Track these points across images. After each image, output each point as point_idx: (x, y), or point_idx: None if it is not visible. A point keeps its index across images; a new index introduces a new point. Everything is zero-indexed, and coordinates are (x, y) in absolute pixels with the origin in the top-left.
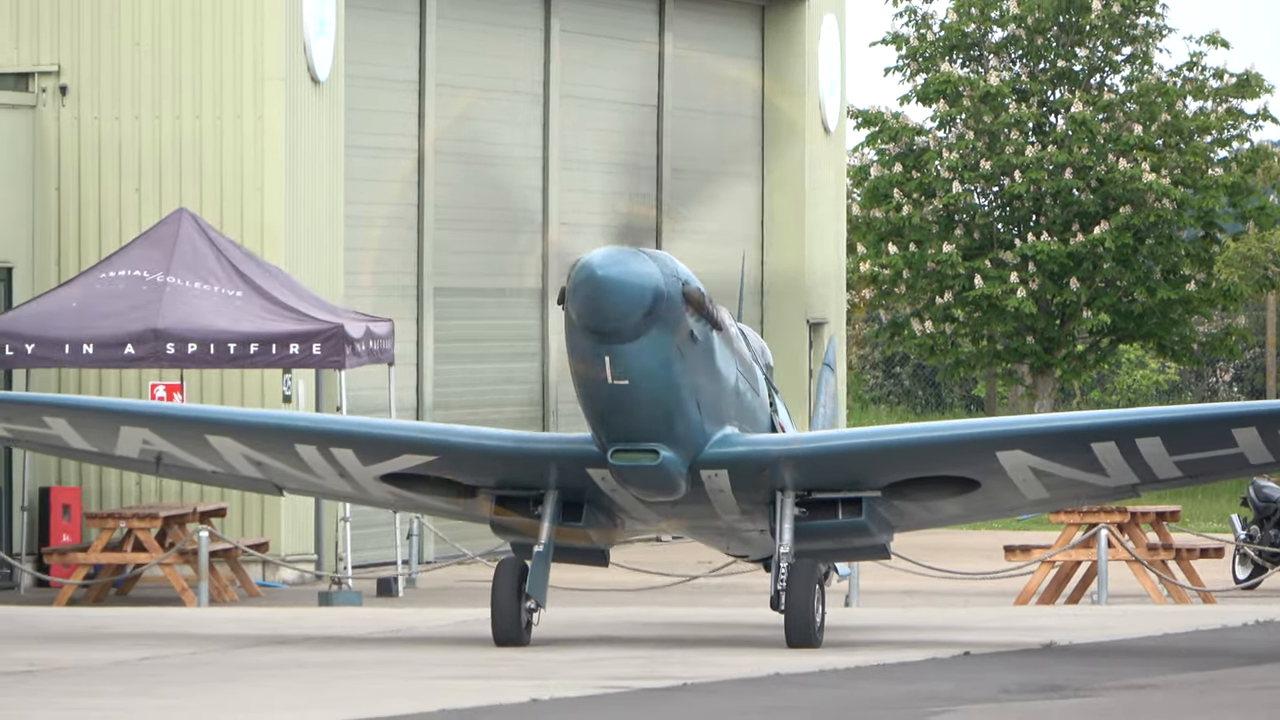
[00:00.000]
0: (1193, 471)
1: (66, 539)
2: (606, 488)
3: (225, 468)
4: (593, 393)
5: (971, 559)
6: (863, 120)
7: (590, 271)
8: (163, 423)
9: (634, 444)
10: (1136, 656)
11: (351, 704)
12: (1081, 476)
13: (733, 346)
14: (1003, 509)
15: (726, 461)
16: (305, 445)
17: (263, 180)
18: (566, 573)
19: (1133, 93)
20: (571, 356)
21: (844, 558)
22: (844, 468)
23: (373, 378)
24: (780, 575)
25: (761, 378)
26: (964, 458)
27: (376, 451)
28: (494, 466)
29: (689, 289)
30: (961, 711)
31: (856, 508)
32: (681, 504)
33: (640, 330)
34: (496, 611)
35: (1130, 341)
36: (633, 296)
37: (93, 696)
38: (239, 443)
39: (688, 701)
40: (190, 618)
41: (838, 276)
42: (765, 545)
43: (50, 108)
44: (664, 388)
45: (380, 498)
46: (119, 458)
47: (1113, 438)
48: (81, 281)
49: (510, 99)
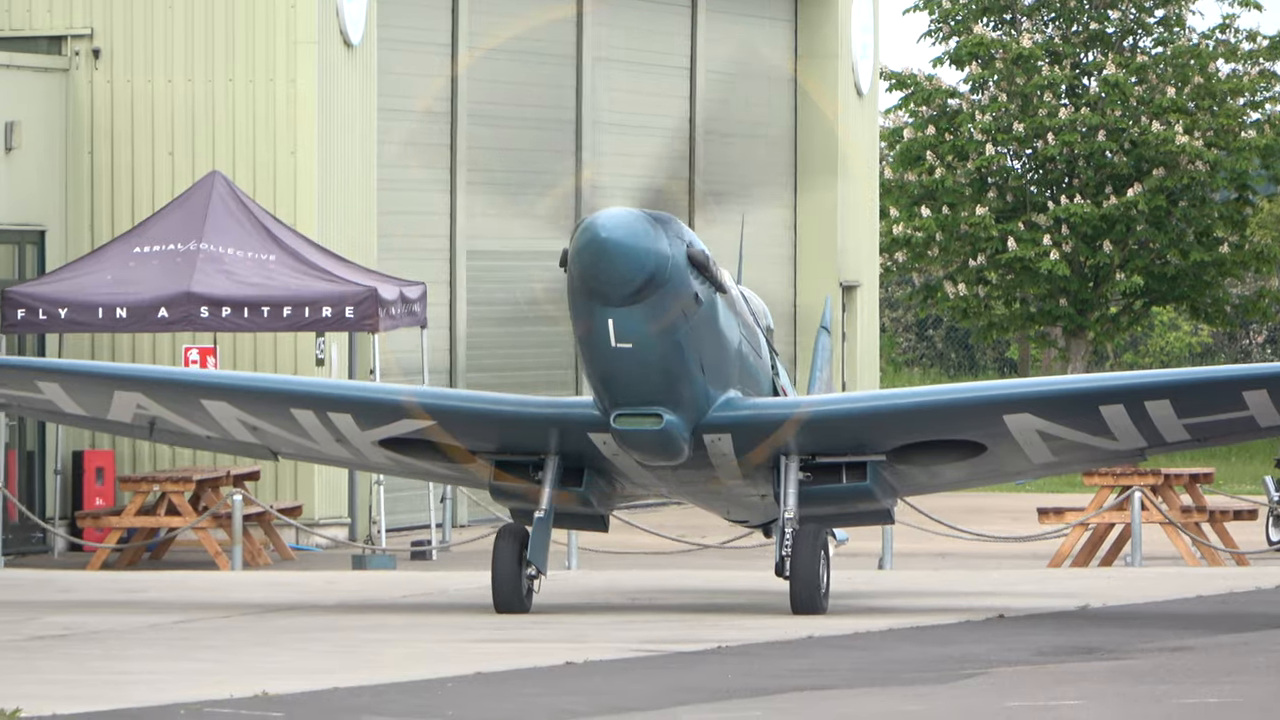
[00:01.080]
0: (1201, 434)
1: (100, 503)
2: (608, 452)
3: (220, 432)
4: (595, 356)
5: (1005, 522)
6: (896, 83)
7: (593, 233)
8: (156, 387)
9: (637, 408)
10: (1170, 619)
11: (386, 667)
12: (1089, 440)
13: (735, 309)
14: (1008, 473)
15: (730, 425)
16: (302, 410)
17: (295, 144)
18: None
19: (1165, 55)
20: (574, 319)
21: (848, 523)
22: (849, 431)
23: (406, 340)
24: (785, 541)
25: (763, 340)
26: (970, 421)
27: (375, 416)
28: (494, 431)
29: (693, 251)
30: (996, 674)
31: (861, 472)
32: (684, 468)
33: (644, 293)
34: (497, 579)
35: (1163, 304)
36: (636, 259)
37: (126, 660)
38: (234, 407)
39: (724, 664)
40: (224, 581)
41: (870, 239)
42: (766, 511)
43: (83, 71)
44: (667, 351)
45: (378, 463)
46: (112, 422)
47: (1121, 400)
48: (115, 246)
49: (542, 61)
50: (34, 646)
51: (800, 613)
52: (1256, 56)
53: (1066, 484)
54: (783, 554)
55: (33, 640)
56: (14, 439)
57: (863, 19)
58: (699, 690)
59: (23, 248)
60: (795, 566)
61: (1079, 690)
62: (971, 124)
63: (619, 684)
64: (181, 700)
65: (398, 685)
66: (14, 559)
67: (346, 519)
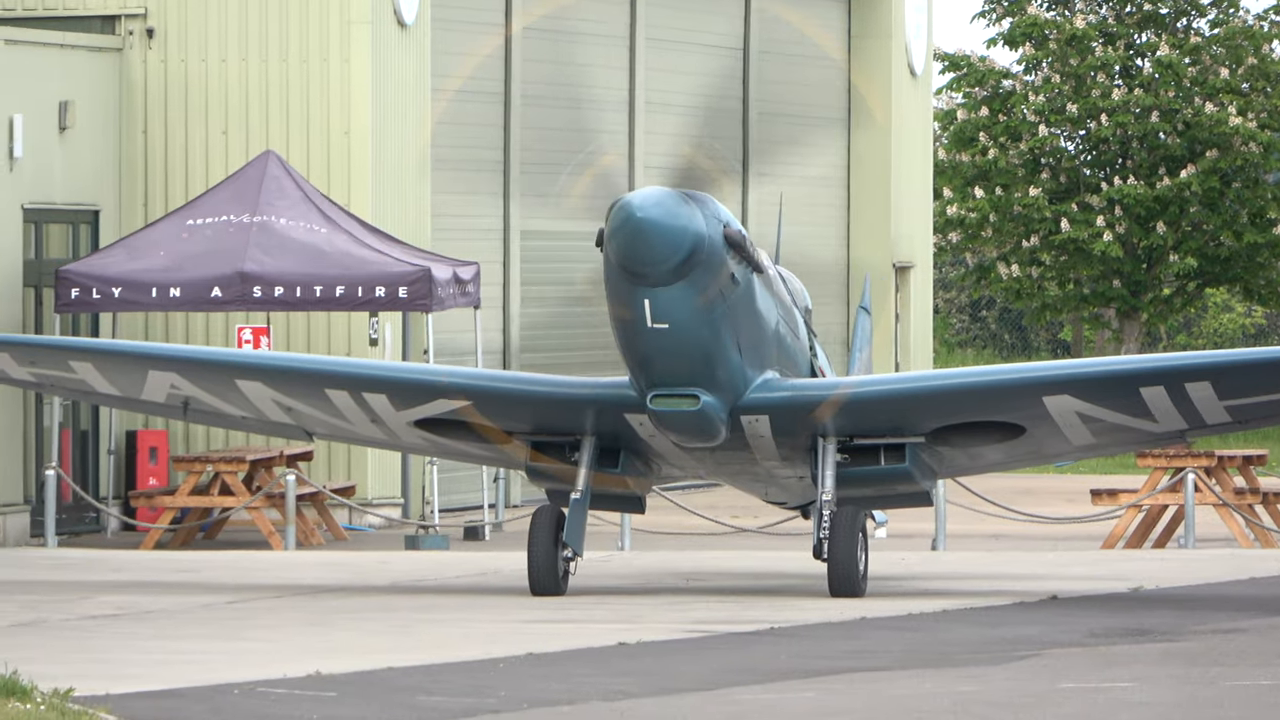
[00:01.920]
0: (1243, 416)
1: (153, 483)
2: (644, 433)
3: (254, 413)
4: (632, 337)
5: (1058, 503)
6: (949, 64)
7: (629, 213)
8: (191, 367)
9: (674, 389)
10: (1223, 600)
11: (438, 647)
12: (1129, 422)
13: (773, 289)
14: (1047, 455)
15: (768, 406)
16: (337, 391)
17: (349, 124)
18: (652, 516)
19: (1219, 36)
20: (610, 300)
21: (886, 505)
22: (888, 413)
23: (459, 321)
24: (822, 523)
25: (801, 321)
26: (1010, 403)
27: (410, 396)
28: (530, 411)
29: (730, 231)
30: (1049, 655)
31: (900, 454)
32: (721, 450)
33: (681, 273)
34: (533, 561)
35: (1216, 285)
36: (673, 239)
37: (180, 639)
38: (269, 388)
39: (776, 645)
40: (277, 561)
41: (924, 220)
42: (804, 492)
43: (137, 51)
44: (704, 332)
45: (412, 443)
46: (146, 402)
47: (1162, 382)
48: (168, 225)
49: (596, 42)
50: (87, 626)
51: (838, 595)
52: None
53: (1120, 465)
54: (820, 536)
55: (86, 620)
56: (68, 419)
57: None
58: (751, 671)
59: (76, 227)
60: (833, 549)
61: (1132, 672)
62: (1025, 105)
63: (671, 664)
64: (234, 680)
65: (450, 665)
66: (68, 539)
67: (400, 499)
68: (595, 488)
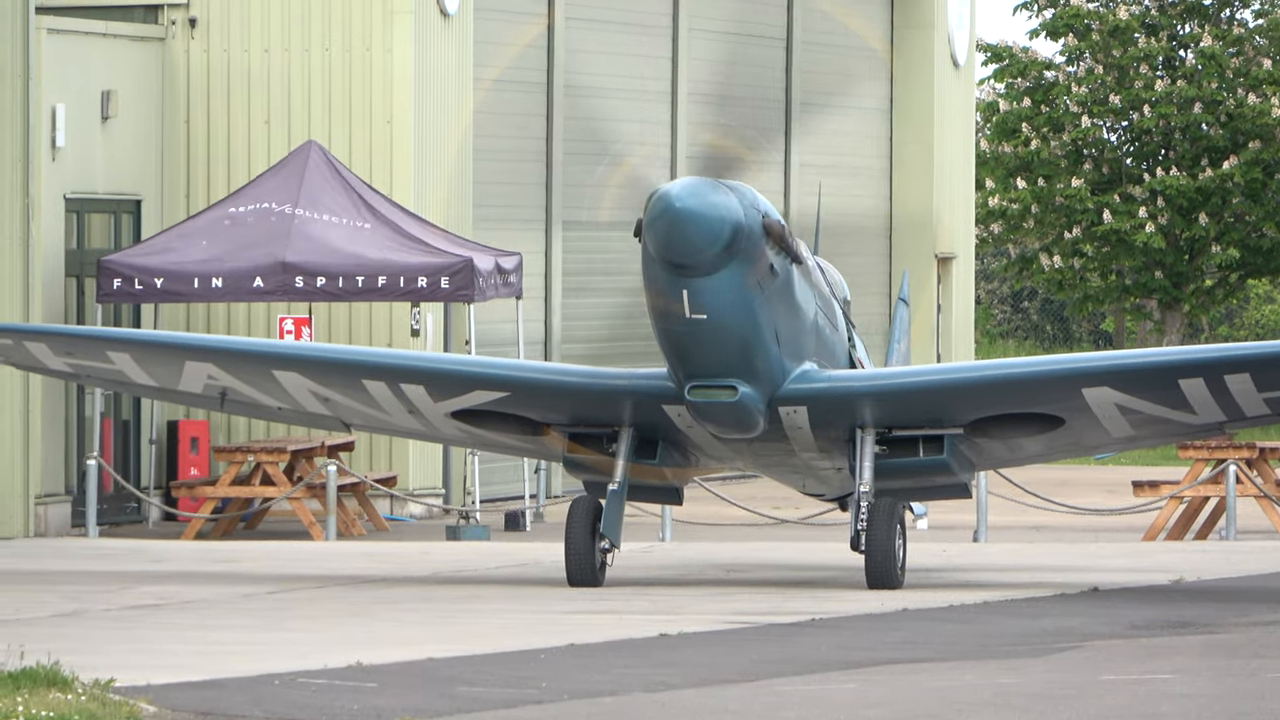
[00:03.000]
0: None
1: (194, 473)
2: (682, 424)
3: (291, 404)
4: (670, 328)
5: (1099, 495)
6: (992, 55)
7: (668, 203)
8: (228, 358)
9: (712, 380)
10: (1265, 593)
11: (479, 638)
12: (1168, 414)
13: (811, 280)
14: (1087, 447)
15: (806, 398)
16: (374, 381)
17: (391, 113)
18: (693, 508)
19: (1262, 27)
20: (648, 290)
21: (924, 497)
22: (927, 405)
23: (501, 311)
24: (860, 515)
25: (840, 312)
26: (1049, 394)
27: (448, 388)
28: (567, 403)
29: (769, 221)
30: (1090, 647)
31: (938, 445)
32: (758, 441)
33: (719, 264)
34: (571, 552)
35: (1259, 276)
36: (711, 229)
37: (221, 630)
38: (306, 378)
39: (817, 637)
40: (318, 552)
41: (966, 211)
42: (842, 484)
43: (180, 40)
44: (743, 322)
45: (450, 435)
46: (183, 393)
47: (1201, 374)
48: (210, 215)
49: (639, 32)
50: (128, 616)
51: (875, 587)
52: None
53: (1161, 457)
54: (858, 528)
55: (127, 610)
56: (110, 408)
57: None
58: (793, 662)
59: (119, 217)
60: (870, 541)
61: (1173, 664)
62: (1067, 96)
63: (712, 656)
64: (275, 670)
65: (491, 656)
66: (109, 528)
67: (441, 489)
68: (633, 479)
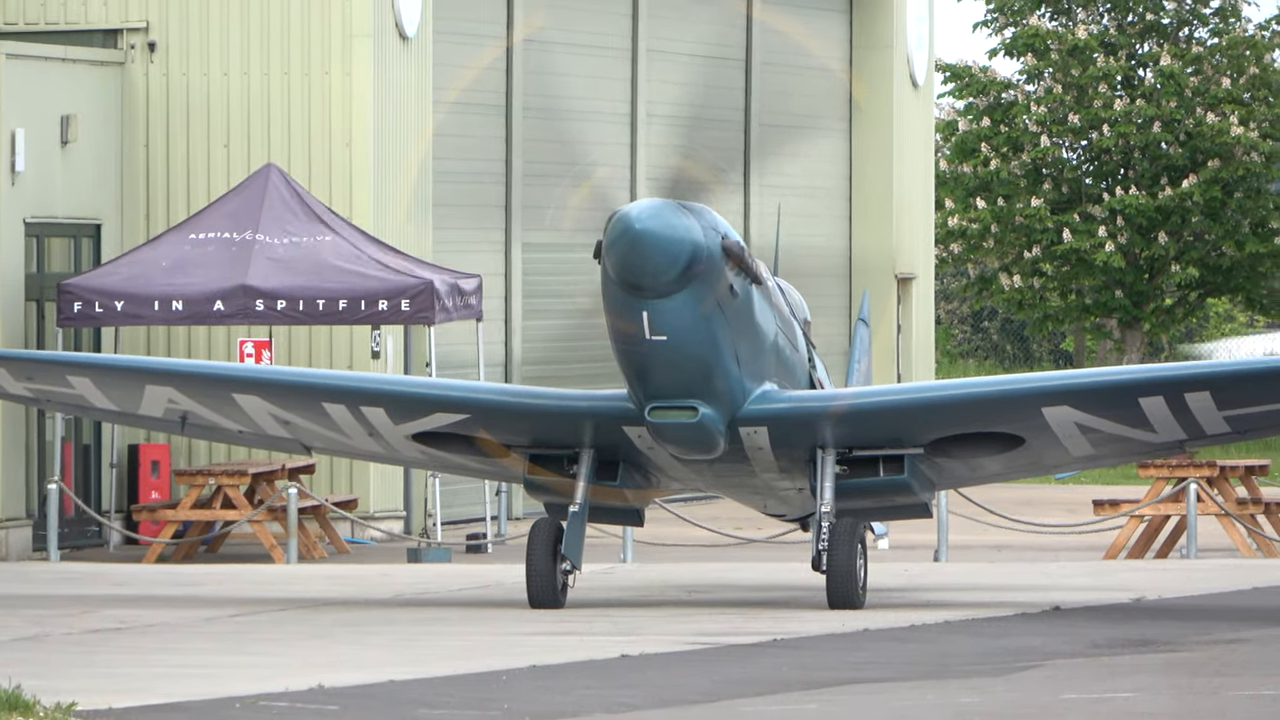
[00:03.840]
0: (1242, 427)
1: (155, 496)
2: (643, 446)
3: (252, 427)
4: (630, 349)
5: (1060, 513)
6: (951, 75)
7: (627, 225)
8: (189, 381)
9: (672, 401)
10: (1226, 611)
11: (441, 660)
12: (1128, 433)
13: (771, 301)
14: (1047, 466)
15: (766, 418)
16: (335, 404)
17: (351, 136)
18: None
19: (1221, 46)
20: (608, 312)
21: (885, 517)
22: (887, 425)
23: (461, 333)
24: (821, 535)
25: (800, 333)
26: (1009, 414)
27: (408, 410)
28: (528, 425)
29: (728, 242)
30: (1051, 666)
31: (899, 465)
32: (719, 462)
33: (679, 285)
34: (532, 574)
35: (1218, 295)
36: (671, 251)
37: (182, 653)
38: (267, 402)
39: (779, 657)
40: (279, 575)
41: (926, 231)
42: (803, 504)
43: (139, 64)
44: (703, 344)
45: (411, 457)
46: (144, 417)
47: (1161, 393)
48: (170, 238)
49: (598, 54)
50: (90, 640)
51: (836, 607)
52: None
53: (1122, 476)
54: (819, 548)
55: (88, 634)
56: (70, 432)
57: (918, 9)
58: (754, 683)
59: (79, 241)
60: (832, 561)
61: (1134, 683)
62: (1026, 115)
63: (674, 677)
64: (237, 694)
65: (453, 678)
66: (70, 552)
67: (402, 512)
68: (593, 501)
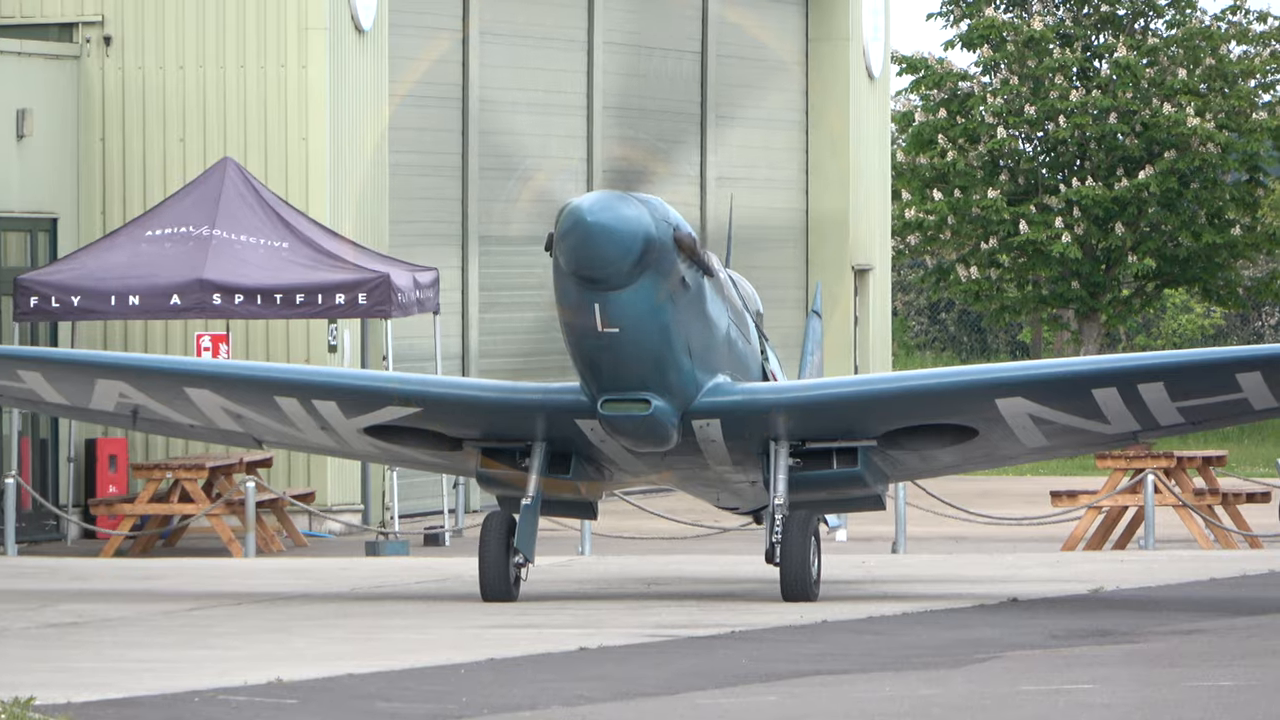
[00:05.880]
0: (1196, 418)
1: (113, 490)
2: (595, 439)
3: (203, 421)
4: (582, 342)
5: (1018, 505)
6: (907, 66)
7: (578, 217)
8: (139, 375)
9: (625, 394)
10: (1184, 602)
11: (399, 654)
12: (1082, 424)
13: (724, 293)
14: (1000, 457)
15: (719, 411)
16: (286, 398)
17: (307, 130)
18: (612, 520)
19: (1176, 37)
20: (560, 305)
21: (839, 509)
22: (840, 416)
23: (419, 327)
24: (775, 527)
25: (752, 325)
26: (962, 405)
27: (360, 403)
28: (480, 418)
29: (680, 234)
30: (1009, 657)
31: (852, 457)
32: (672, 455)
33: (631, 277)
34: (484, 567)
35: (1175, 286)
36: (622, 242)
37: (140, 648)
38: (218, 395)
39: (737, 649)
40: (237, 568)
41: (882, 222)
42: (757, 497)
43: (94, 58)
44: (655, 336)
45: (363, 450)
46: (95, 411)
47: (1114, 384)
48: (126, 233)
49: (553, 46)
50: (47, 634)
51: (790, 600)
52: (1268, 38)
53: (1079, 467)
54: (773, 540)
55: (46, 628)
56: (27, 426)
57: (873, 2)
58: (713, 675)
59: (35, 236)
60: (785, 553)
61: (1092, 674)
62: (983, 107)
63: (632, 670)
64: (195, 688)
65: (411, 671)
66: (28, 547)
67: (360, 505)
68: (547, 494)
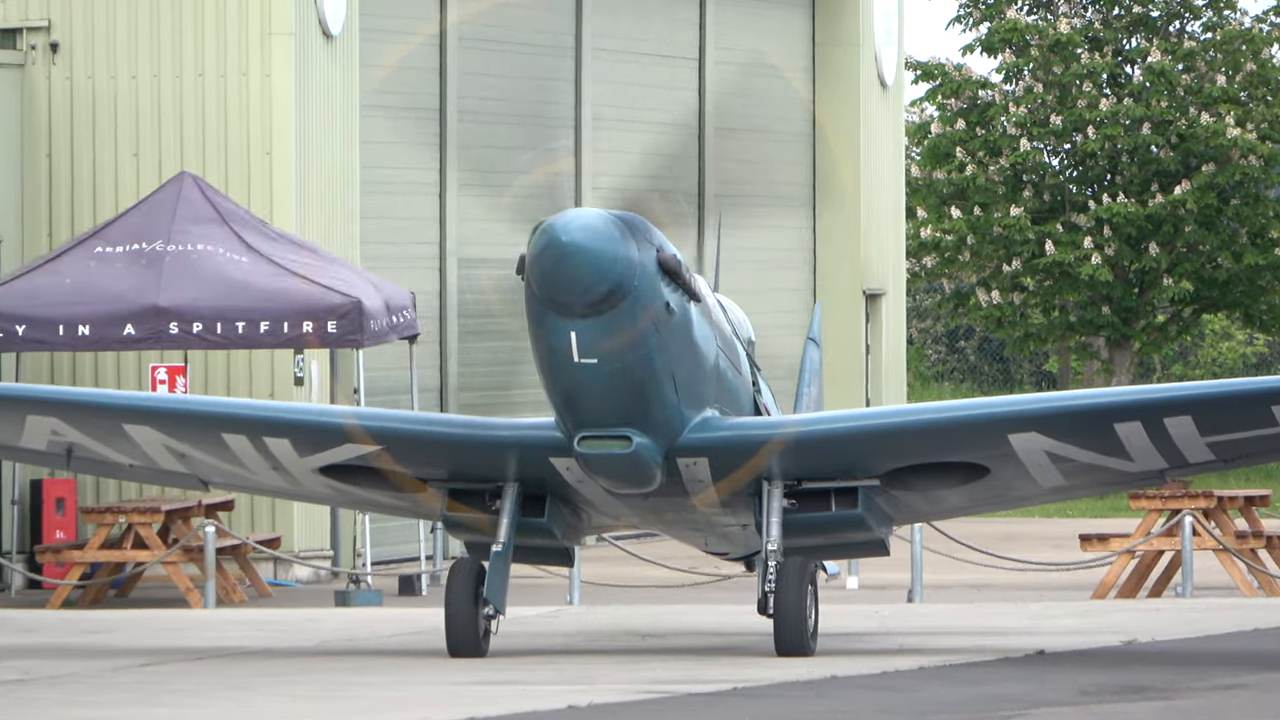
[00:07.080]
0: (1227, 455)
1: (60, 536)
2: (572, 479)
3: (144, 460)
4: (557, 373)
5: (1045, 549)
6: (922, 73)
7: (553, 236)
8: (73, 410)
9: (603, 430)
10: (1224, 655)
11: (371, 713)
12: (1103, 461)
13: (711, 319)
14: (1013, 499)
15: (707, 448)
16: (235, 435)
17: (271, 143)
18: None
19: (1215, 40)
20: (532, 332)
21: (838, 554)
22: (839, 454)
23: (392, 357)
24: (768, 575)
25: (743, 354)
26: (972, 441)
27: (315, 441)
28: (445, 456)
29: (664, 255)
30: (1035, 715)
31: (852, 499)
32: (656, 496)
33: (609, 303)
34: (450, 619)
35: (1214, 311)
36: (601, 265)
37: (90, 707)
38: (160, 433)
39: (737, 707)
40: (196, 620)
41: (896, 243)
42: (748, 542)
43: (40, 66)
44: (636, 366)
45: (318, 492)
46: (25, 450)
47: (1139, 417)
48: (75, 254)
49: (539, 53)
50: None
51: (785, 654)
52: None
53: (1111, 508)
54: (765, 590)
55: None
56: None
57: (886, 4)
58: None
59: None
60: (779, 604)
61: None
62: (1005, 117)
63: None
64: None
65: None
66: None
67: (329, 551)
68: (519, 539)
